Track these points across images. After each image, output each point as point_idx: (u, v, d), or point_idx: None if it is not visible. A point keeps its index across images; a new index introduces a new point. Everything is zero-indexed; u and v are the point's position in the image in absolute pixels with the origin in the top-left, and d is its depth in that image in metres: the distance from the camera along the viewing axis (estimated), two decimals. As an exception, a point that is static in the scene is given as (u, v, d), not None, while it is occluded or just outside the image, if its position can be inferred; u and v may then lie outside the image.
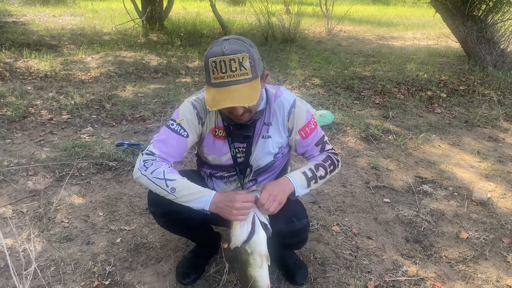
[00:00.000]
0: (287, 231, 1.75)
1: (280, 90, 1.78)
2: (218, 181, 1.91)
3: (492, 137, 4.06)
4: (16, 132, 3.60)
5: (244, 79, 1.46)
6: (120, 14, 10.49)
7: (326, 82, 5.60)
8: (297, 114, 1.75)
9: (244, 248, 1.54)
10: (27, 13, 10.89)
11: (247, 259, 1.56)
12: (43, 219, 2.45)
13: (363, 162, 3.42)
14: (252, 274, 1.57)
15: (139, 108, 4.33)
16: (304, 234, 1.83)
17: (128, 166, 3.11)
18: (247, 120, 1.65)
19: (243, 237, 1.53)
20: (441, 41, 9.41)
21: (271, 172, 1.91)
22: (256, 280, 1.58)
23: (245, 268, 1.58)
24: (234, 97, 1.45)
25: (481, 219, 2.70)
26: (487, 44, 6.15)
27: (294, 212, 1.79)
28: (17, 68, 5.57)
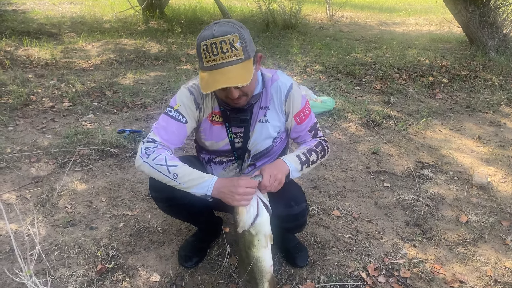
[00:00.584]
0: (286, 215, 1.77)
1: (277, 74, 1.78)
2: (217, 167, 1.92)
3: (493, 122, 4.06)
4: (18, 119, 3.61)
5: (236, 60, 1.45)
6: (120, 2, 10.41)
7: (327, 68, 5.58)
8: (294, 98, 1.76)
9: (248, 230, 1.55)
10: (26, 2, 10.82)
11: (251, 241, 1.56)
12: (47, 204, 2.48)
13: (363, 148, 3.43)
14: (256, 254, 1.59)
15: (140, 95, 4.34)
16: (302, 218, 1.86)
17: (129, 152, 3.13)
18: (244, 104, 1.65)
19: (250, 221, 1.55)
20: (443, 26, 9.33)
21: (269, 156, 1.91)
22: (260, 260, 1.59)
23: (248, 250, 1.59)
24: (227, 78, 1.44)
25: (481, 202, 2.72)
26: (489, 28, 6.10)
27: (293, 197, 1.81)
28: (17, 56, 5.56)
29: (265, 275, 1.62)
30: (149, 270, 2.02)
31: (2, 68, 4.96)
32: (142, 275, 1.99)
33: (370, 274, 2.05)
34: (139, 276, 1.99)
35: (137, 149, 1.72)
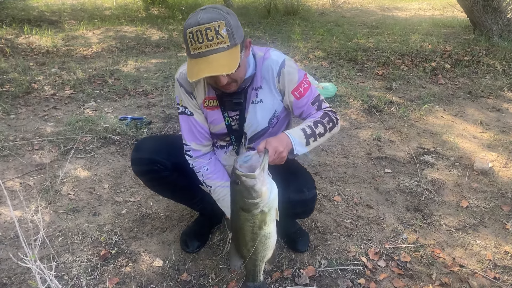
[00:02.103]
0: (297, 200, 1.77)
1: (269, 52, 1.71)
2: (219, 151, 1.92)
3: (495, 108, 4.04)
4: (20, 107, 3.62)
5: (222, 48, 1.43)
6: (121, -12, 10.33)
7: (329, 54, 5.55)
8: (287, 74, 1.69)
9: (262, 209, 1.45)
10: (26, -11, 10.75)
11: (263, 219, 1.47)
12: (50, 191, 2.50)
13: (365, 134, 3.43)
14: (266, 231, 1.50)
15: (141, 82, 4.34)
16: (312, 204, 1.86)
17: (131, 139, 3.14)
18: (235, 89, 1.62)
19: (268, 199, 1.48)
20: (447, 11, 9.23)
21: (267, 137, 1.84)
22: (269, 237, 1.53)
23: (259, 230, 1.50)
24: (212, 66, 1.42)
25: (482, 188, 2.73)
26: (493, 13, 6.03)
27: (304, 182, 1.82)
28: (18, 44, 5.55)
29: (268, 252, 1.58)
30: (152, 256, 2.05)
31: (3, 56, 4.96)
32: (145, 260, 2.02)
33: (371, 258, 2.07)
34: (142, 261, 2.02)
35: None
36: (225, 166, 1.91)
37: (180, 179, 1.92)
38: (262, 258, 1.59)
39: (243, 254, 1.59)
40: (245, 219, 1.46)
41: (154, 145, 1.89)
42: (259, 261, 1.60)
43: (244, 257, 1.60)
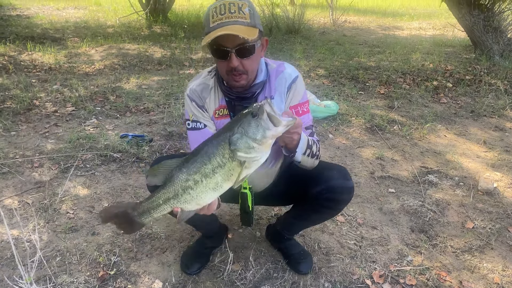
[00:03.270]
0: (342, 186, 1.73)
1: (284, 65, 1.74)
2: None
3: (498, 127, 4.02)
4: (21, 124, 3.61)
5: (242, 21, 1.45)
6: (124, 7, 10.45)
7: (330, 73, 5.56)
8: (295, 90, 1.71)
9: (245, 160, 1.26)
10: (31, 7, 10.89)
11: (232, 170, 1.28)
12: (49, 210, 2.46)
13: (368, 153, 3.40)
14: (220, 183, 1.29)
15: (143, 100, 4.33)
16: (352, 193, 1.80)
17: (132, 157, 3.12)
18: (245, 84, 1.59)
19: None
20: (447, 30, 9.31)
21: (278, 147, 1.78)
22: (215, 190, 1.31)
23: (218, 174, 1.29)
24: (230, 29, 1.42)
25: (487, 208, 2.68)
26: (494, 33, 6.07)
27: (347, 172, 1.80)
28: (21, 61, 5.58)
29: (189, 205, 1.35)
30: (151, 277, 2.00)
31: (5, 73, 4.97)
32: (144, 282, 1.97)
33: (375, 281, 2.02)
34: (141, 283, 1.97)
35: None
36: (234, 188, 1.84)
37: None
38: (180, 201, 1.32)
39: (171, 176, 1.31)
40: (220, 154, 1.26)
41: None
42: (173, 200, 1.33)
43: (169, 180, 1.32)
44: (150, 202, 1.35)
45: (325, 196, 1.73)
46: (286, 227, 2.11)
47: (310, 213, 1.90)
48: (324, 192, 1.72)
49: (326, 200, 1.75)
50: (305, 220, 2.00)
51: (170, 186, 1.30)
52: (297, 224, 2.05)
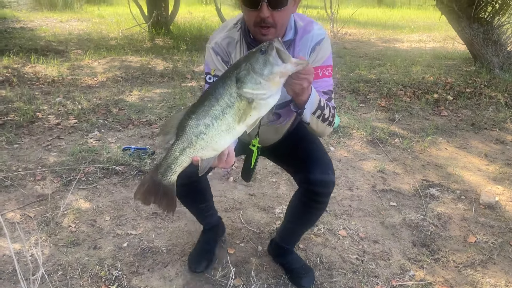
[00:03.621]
0: (321, 180, 1.75)
1: (312, 25, 1.69)
2: None
3: (499, 140, 4.03)
4: (24, 137, 3.63)
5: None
6: (127, 19, 10.54)
7: (331, 86, 5.58)
8: (319, 52, 1.66)
9: (254, 98, 1.25)
10: (34, 19, 10.99)
11: (242, 111, 1.27)
12: (51, 223, 2.47)
13: (369, 166, 3.41)
14: (232, 124, 1.28)
15: (145, 112, 4.35)
16: (333, 187, 1.80)
17: (134, 170, 3.13)
18: (272, 38, 1.48)
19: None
20: (447, 43, 9.36)
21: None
22: (228, 133, 1.30)
23: (229, 116, 1.28)
24: None
25: (489, 222, 2.68)
26: (493, 46, 6.11)
27: (328, 165, 1.80)
28: (24, 73, 5.62)
29: (207, 152, 1.34)
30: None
31: (9, 85, 5.00)
32: (146, 297, 1.97)
33: (378, 296, 2.02)
34: (142, 297, 1.96)
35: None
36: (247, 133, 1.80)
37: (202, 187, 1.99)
38: (196, 148, 1.32)
39: (182, 125, 1.31)
40: (227, 93, 1.24)
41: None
42: (189, 149, 1.32)
43: (180, 130, 1.31)
44: (168, 157, 1.35)
45: (303, 187, 1.79)
46: (284, 236, 2.15)
47: (299, 207, 1.93)
48: (302, 182, 1.79)
49: (306, 191, 1.80)
50: (297, 219, 2.01)
51: (183, 135, 1.30)
52: (292, 228, 2.08)
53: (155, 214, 2.62)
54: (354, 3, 18.48)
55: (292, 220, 2.04)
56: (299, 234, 2.16)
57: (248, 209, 2.72)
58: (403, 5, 20.02)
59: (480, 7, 5.98)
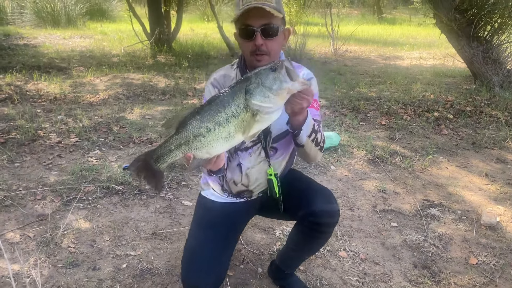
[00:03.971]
0: (328, 210, 1.80)
1: (302, 68, 1.90)
2: (243, 154, 1.87)
3: (500, 159, 4.03)
4: (25, 155, 3.64)
5: (269, 4, 1.59)
6: (129, 36, 10.65)
7: (332, 103, 5.62)
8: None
9: (259, 111, 1.32)
10: (38, 36, 11.11)
11: (244, 122, 1.35)
12: (50, 244, 2.46)
13: (370, 185, 3.40)
14: (232, 133, 1.36)
15: (146, 130, 4.37)
16: (338, 217, 1.85)
17: (134, 190, 3.13)
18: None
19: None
20: (447, 61, 9.43)
21: (289, 139, 1.87)
22: (227, 140, 1.37)
23: (231, 124, 1.35)
24: (260, 4, 1.58)
25: (491, 244, 2.67)
26: (493, 64, 6.16)
27: (331, 195, 1.87)
28: (27, 90, 5.66)
29: (203, 152, 1.41)
30: (152, 315, 1.98)
31: (11, 103, 5.04)
32: (144, 320, 1.95)
33: (379, 321, 2.00)
34: (141, 321, 1.94)
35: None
36: (248, 169, 1.88)
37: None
38: (191, 147, 1.39)
39: (184, 123, 1.38)
40: (235, 103, 1.32)
41: (204, 268, 1.76)
42: (185, 146, 1.40)
43: (182, 126, 1.39)
44: (163, 148, 1.42)
45: (309, 220, 1.80)
46: (285, 261, 2.13)
47: (301, 238, 1.93)
48: (307, 216, 1.80)
49: (311, 223, 1.81)
50: (300, 248, 2.01)
51: (183, 132, 1.38)
52: (294, 255, 2.06)
53: (155, 235, 2.62)
54: (354, 20, 18.68)
55: (295, 248, 2.02)
56: (300, 260, 2.15)
57: (248, 230, 2.71)
58: (403, 22, 20.21)
59: (479, 26, 6.04)
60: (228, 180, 1.93)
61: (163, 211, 2.90)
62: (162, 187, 1.50)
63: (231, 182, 1.92)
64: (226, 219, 1.91)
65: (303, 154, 1.76)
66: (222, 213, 1.95)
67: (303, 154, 1.75)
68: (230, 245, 1.91)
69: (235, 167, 1.89)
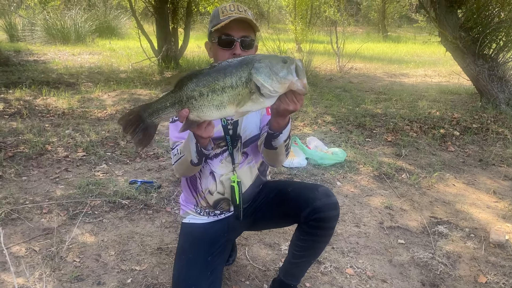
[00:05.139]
0: (328, 203, 1.84)
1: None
2: (214, 162, 1.93)
3: (508, 176, 4.00)
4: (32, 169, 3.66)
5: (249, 19, 1.73)
6: (137, 53, 10.81)
7: (338, 120, 5.63)
8: None
9: (256, 91, 1.35)
10: (47, 52, 11.29)
11: (242, 97, 1.37)
12: (55, 258, 2.45)
13: (376, 202, 3.38)
14: (226, 103, 1.38)
15: (153, 145, 4.39)
16: (339, 209, 1.90)
17: (140, 204, 3.13)
18: None
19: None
20: (452, 78, 9.45)
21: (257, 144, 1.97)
22: (221, 108, 1.39)
23: (227, 94, 1.37)
24: (241, 15, 1.71)
25: (500, 262, 2.63)
26: (499, 82, 6.16)
27: (328, 189, 1.94)
28: (36, 105, 5.73)
29: (196, 114, 1.44)
30: (156, 331, 1.96)
31: (20, 117, 5.09)
32: (149, 336, 1.93)
33: None
34: (145, 337, 1.92)
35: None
36: (221, 176, 1.94)
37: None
38: (184, 108, 1.41)
39: (182, 82, 1.41)
40: (238, 75, 1.34)
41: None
42: (178, 105, 1.43)
43: (179, 86, 1.42)
44: (159, 103, 1.46)
45: (313, 217, 1.82)
46: (289, 272, 2.10)
47: (306, 240, 1.93)
48: (312, 214, 1.82)
49: (315, 220, 1.83)
50: (305, 253, 2.00)
51: (177, 92, 1.42)
52: (299, 262, 2.04)
53: (160, 250, 2.61)
54: (359, 38, 18.83)
55: (299, 254, 2.01)
56: (306, 268, 2.13)
57: (253, 245, 2.70)
58: (408, 40, 20.35)
59: (484, 44, 6.06)
60: (203, 191, 1.97)
61: (168, 225, 2.89)
62: (148, 144, 1.52)
63: (207, 193, 1.96)
64: (206, 240, 1.94)
65: (272, 156, 1.81)
66: (203, 234, 1.98)
67: (272, 156, 1.81)
68: (215, 267, 1.91)
69: (208, 175, 1.94)
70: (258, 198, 2.08)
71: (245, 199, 2.01)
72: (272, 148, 1.73)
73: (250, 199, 2.06)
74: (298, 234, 1.97)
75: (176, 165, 1.82)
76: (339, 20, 11.77)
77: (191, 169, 1.79)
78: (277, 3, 22.44)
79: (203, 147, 1.63)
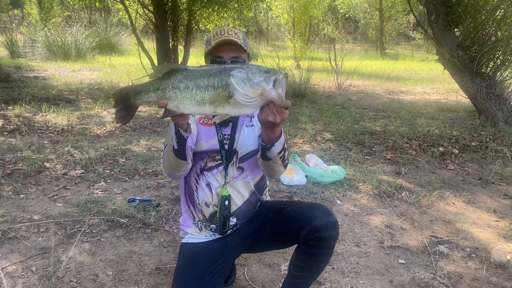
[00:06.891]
0: (327, 222, 1.84)
1: None
2: (209, 174, 1.98)
3: (508, 195, 3.99)
4: (30, 187, 3.64)
5: (238, 41, 1.87)
6: (137, 69, 10.87)
7: (337, 137, 5.63)
8: None
9: (235, 94, 1.43)
10: (48, 68, 11.35)
11: (219, 97, 1.44)
12: (52, 278, 2.42)
13: (376, 221, 3.36)
14: (205, 101, 1.46)
15: (152, 162, 4.38)
16: (339, 228, 1.90)
17: (139, 223, 3.10)
18: None
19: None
20: (450, 96, 9.51)
21: (255, 159, 2.00)
22: (201, 104, 1.47)
23: (207, 93, 1.46)
24: (230, 39, 1.86)
25: (502, 283, 2.60)
26: (497, 100, 6.19)
27: (327, 208, 1.94)
28: (35, 122, 5.73)
29: (175, 105, 1.52)
30: None
31: (19, 134, 5.09)
32: None
33: None
34: None
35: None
36: (217, 188, 1.97)
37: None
38: (165, 96, 1.48)
39: (171, 73, 1.49)
40: (219, 77, 1.43)
41: None
42: (161, 92, 1.49)
43: (166, 75, 1.50)
44: (144, 86, 1.53)
45: (313, 237, 1.81)
46: None
47: (306, 260, 1.92)
48: (311, 233, 1.81)
49: (315, 240, 1.82)
50: (304, 274, 1.97)
51: (164, 79, 1.49)
52: (298, 283, 2.02)
53: (158, 270, 2.58)
54: (358, 55, 19.00)
55: (299, 275, 1.99)
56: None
57: (253, 266, 2.67)
58: (406, 57, 20.54)
59: (482, 63, 6.11)
60: (200, 204, 1.99)
61: (167, 245, 2.87)
62: (127, 122, 1.60)
63: (204, 205, 1.99)
64: (204, 259, 1.94)
65: (268, 167, 1.87)
66: (201, 253, 1.98)
67: (269, 167, 1.87)
68: (213, 286, 1.90)
69: (205, 187, 1.98)
70: (256, 218, 2.07)
71: (239, 215, 2.03)
72: (267, 159, 1.80)
73: (245, 216, 2.06)
74: (298, 254, 1.95)
75: (163, 160, 1.88)
76: (337, 37, 11.89)
77: (175, 161, 1.79)
78: (276, 20, 22.70)
79: (181, 129, 1.67)
